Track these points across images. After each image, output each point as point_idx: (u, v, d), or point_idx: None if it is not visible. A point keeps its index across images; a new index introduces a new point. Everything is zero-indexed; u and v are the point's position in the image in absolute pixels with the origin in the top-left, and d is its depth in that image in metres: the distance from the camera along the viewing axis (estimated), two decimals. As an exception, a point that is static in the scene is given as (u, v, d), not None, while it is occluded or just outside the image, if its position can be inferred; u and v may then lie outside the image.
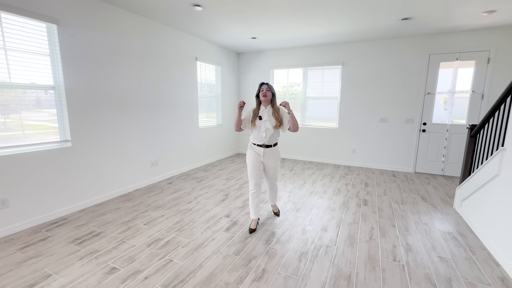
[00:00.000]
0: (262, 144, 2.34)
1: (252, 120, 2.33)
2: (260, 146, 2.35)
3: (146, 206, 3.04)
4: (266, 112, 2.29)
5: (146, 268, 1.91)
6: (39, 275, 1.82)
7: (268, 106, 2.31)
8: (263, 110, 2.31)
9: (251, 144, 2.42)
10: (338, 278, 1.82)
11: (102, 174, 3.14)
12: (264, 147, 2.35)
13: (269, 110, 2.30)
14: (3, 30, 2.27)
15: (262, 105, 2.33)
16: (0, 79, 2.30)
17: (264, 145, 2.34)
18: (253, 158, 2.38)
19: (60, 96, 2.71)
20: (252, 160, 2.38)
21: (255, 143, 2.38)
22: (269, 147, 2.36)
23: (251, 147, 2.42)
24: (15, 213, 2.40)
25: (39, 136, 2.60)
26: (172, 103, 4.12)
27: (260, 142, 2.35)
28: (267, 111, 2.30)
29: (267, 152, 2.36)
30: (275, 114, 2.27)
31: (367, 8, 3.10)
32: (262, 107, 2.33)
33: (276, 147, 2.41)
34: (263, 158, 2.37)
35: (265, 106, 2.31)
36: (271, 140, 2.35)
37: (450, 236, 2.41)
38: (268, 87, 2.29)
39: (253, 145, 2.41)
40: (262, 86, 2.30)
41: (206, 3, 3.01)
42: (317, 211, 2.95)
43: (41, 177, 2.56)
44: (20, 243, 2.22)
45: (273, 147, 2.38)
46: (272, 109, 2.29)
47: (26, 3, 2.34)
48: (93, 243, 2.23)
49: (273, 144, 2.38)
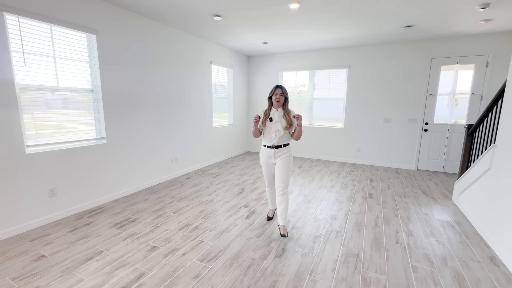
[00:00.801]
0: (271, 145, 2.35)
1: (263, 121, 2.33)
2: (270, 147, 2.36)
3: (171, 197, 3.35)
4: (277, 114, 2.30)
5: (182, 246, 2.22)
6: (93, 251, 2.14)
7: (279, 108, 2.32)
8: (274, 112, 2.32)
9: (262, 146, 2.45)
10: (348, 256, 2.11)
11: (131, 168, 3.47)
12: (273, 148, 2.35)
13: (280, 112, 2.30)
14: (53, 41, 2.60)
15: (274, 107, 2.34)
16: (50, 84, 2.63)
17: (273, 146, 2.34)
18: (265, 160, 2.43)
19: (98, 98, 3.04)
20: (264, 163, 2.44)
21: (265, 145, 2.40)
22: (279, 147, 2.35)
23: (262, 149, 2.45)
24: (61, 201, 2.73)
25: (79, 133, 2.93)
26: (190, 104, 4.44)
27: (270, 143, 2.35)
28: (278, 112, 2.30)
29: (277, 152, 2.36)
30: (286, 116, 2.28)
31: (373, 17, 3.39)
32: (273, 109, 2.34)
33: (286, 148, 2.38)
34: (274, 159, 2.38)
35: (276, 108, 2.32)
36: (281, 141, 2.34)
37: (447, 224, 2.68)
38: (282, 91, 2.28)
39: (264, 147, 2.43)
40: (276, 89, 2.29)
41: (225, 14, 3.32)
42: (326, 202, 3.25)
43: (82, 170, 2.89)
44: (69, 227, 2.55)
45: (283, 148, 2.36)
46: (283, 111, 2.30)
47: (71, 16, 2.67)
48: (131, 227, 2.55)
49: (283, 145, 2.36)
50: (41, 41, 2.50)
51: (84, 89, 2.93)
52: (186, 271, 1.90)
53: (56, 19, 2.54)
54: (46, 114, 2.64)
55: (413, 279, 1.84)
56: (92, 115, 3.04)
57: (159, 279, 1.81)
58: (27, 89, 2.44)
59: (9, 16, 2.24)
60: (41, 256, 2.06)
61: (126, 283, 1.76)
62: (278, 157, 2.37)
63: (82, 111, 2.96)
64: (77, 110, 2.91)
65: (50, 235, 2.38)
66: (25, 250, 2.14)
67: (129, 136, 3.41)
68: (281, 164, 2.36)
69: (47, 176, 2.59)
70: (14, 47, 2.30)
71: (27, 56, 2.40)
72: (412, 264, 2.02)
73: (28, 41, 2.40)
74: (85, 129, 2.99)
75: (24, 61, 2.37)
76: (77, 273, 1.86)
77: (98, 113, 3.07)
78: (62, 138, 2.76)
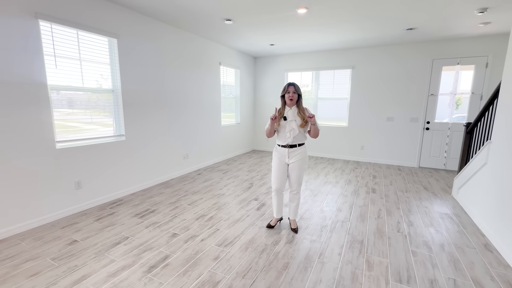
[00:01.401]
0: (286, 144, 2.28)
1: (277, 120, 2.27)
2: (284, 146, 2.30)
3: (184, 191, 3.56)
4: (291, 112, 2.25)
5: (200, 233, 2.42)
6: (119, 237, 2.35)
7: (293, 107, 2.27)
8: (288, 111, 2.27)
9: (276, 146, 2.39)
10: (353, 243, 2.30)
11: (147, 164, 3.68)
12: (288, 147, 2.29)
13: (294, 110, 2.26)
14: (79, 44, 2.81)
15: (287, 106, 2.29)
16: (76, 84, 2.84)
17: (288, 145, 2.28)
18: (278, 160, 2.35)
19: (118, 97, 3.25)
20: (276, 162, 2.36)
21: (280, 144, 2.34)
22: (293, 147, 2.29)
23: (276, 149, 2.38)
24: (86, 193, 2.94)
25: (101, 131, 3.14)
26: (200, 104, 4.65)
27: (284, 142, 2.29)
28: (292, 111, 2.26)
29: (291, 152, 2.29)
30: (301, 114, 2.23)
31: (376, 21, 3.56)
32: (287, 107, 2.29)
33: (301, 147, 2.31)
34: (287, 159, 2.31)
35: (290, 107, 2.27)
36: (295, 140, 2.27)
37: (446, 216, 2.86)
38: (295, 88, 2.22)
39: (278, 147, 2.36)
40: (289, 87, 2.23)
41: (236, 18, 3.52)
42: (331, 196, 3.43)
43: (103, 165, 3.11)
44: (94, 216, 2.76)
45: (298, 147, 2.29)
46: (297, 109, 2.25)
47: (95, 21, 2.88)
48: (151, 217, 2.75)
49: (298, 144, 2.29)
50: (69, 45, 2.72)
51: (106, 89, 3.15)
52: (206, 254, 2.10)
53: (82, 25, 2.76)
54: (72, 112, 2.85)
55: (412, 262, 2.02)
56: (112, 113, 3.26)
57: (183, 260, 2.01)
58: (57, 89, 2.66)
59: (43, 22, 2.46)
60: (74, 241, 2.28)
61: (154, 263, 1.97)
62: (292, 157, 2.30)
63: (104, 109, 3.17)
64: (99, 109, 3.12)
65: (78, 223, 2.60)
66: (59, 236, 2.35)
67: (145, 134, 3.62)
68: (296, 165, 2.30)
69: (74, 169, 2.81)
70: (47, 51, 2.52)
71: (57, 59, 2.61)
72: (412, 249, 2.20)
73: (58, 45, 2.62)
74: (106, 127, 3.20)
75: (55, 64, 2.59)
76: (109, 255, 2.07)
77: (118, 112, 3.29)
78: (86, 135, 2.98)
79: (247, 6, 3.08)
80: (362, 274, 1.88)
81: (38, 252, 2.09)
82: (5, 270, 1.87)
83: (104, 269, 1.89)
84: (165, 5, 3.07)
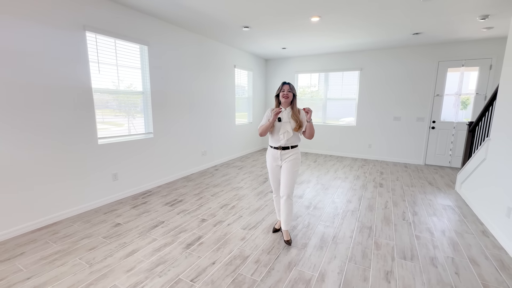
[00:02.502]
0: (278, 146, 2.21)
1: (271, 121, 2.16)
2: (277, 148, 2.22)
3: (205, 184, 3.89)
4: (285, 114, 2.18)
5: (226, 219, 2.74)
6: (156, 221, 2.68)
7: (288, 108, 2.20)
8: (282, 112, 2.19)
9: (269, 147, 2.32)
10: (363, 228, 2.58)
11: (171, 159, 4.02)
12: (280, 149, 2.21)
13: (289, 111, 2.19)
14: (117, 52, 3.16)
15: (282, 106, 2.21)
16: (113, 87, 3.19)
17: (280, 147, 2.20)
18: (271, 163, 2.29)
19: (147, 98, 3.59)
20: (270, 165, 2.31)
21: (272, 146, 2.26)
22: (286, 149, 2.21)
23: (269, 150, 2.32)
24: (121, 184, 3.29)
25: (133, 128, 3.49)
26: (216, 104, 4.97)
27: (277, 144, 2.21)
28: (286, 112, 2.18)
29: (284, 154, 2.21)
30: (295, 116, 2.16)
31: (384, 27, 3.82)
32: (281, 108, 2.20)
33: (294, 149, 2.23)
34: (280, 161, 2.24)
35: (285, 108, 2.20)
36: (288, 142, 2.19)
37: (448, 208, 3.10)
38: (290, 87, 2.17)
39: (270, 148, 2.29)
40: (284, 86, 2.18)
41: (253, 25, 3.82)
42: (341, 190, 3.71)
43: (135, 159, 3.45)
44: (130, 205, 3.11)
45: (290, 149, 2.21)
46: (291, 111, 2.18)
47: (130, 31, 3.22)
48: (180, 206, 3.09)
49: (291, 146, 2.21)
50: (108, 52, 3.06)
51: (137, 91, 3.49)
52: (234, 235, 2.41)
53: (119, 34, 3.10)
54: (109, 111, 3.20)
55: (416, 244, 2.30)
56: (142, 113, 3.60)
57: (214, 239, 2.33)
58: (99, 92, 3.01)
59: (89, 33, 2.81)
60: (118, 224, 2.62)
61: (190, 241, 2.29)
62: (284, 159, 2.22)
63: (136, 109, 3.52)
64: (131, 109, 3.47)
65: (117, 210, 2.94)
66: (103, 220, 2.70)
67: (170, 131, 3.96)
68: (287, 167, 2.21)
69: (112, 163, 3.16)
70: (92, 58, 2.87)
71: (100, 65, 2.96)
72: (416, 234, 2.47)
73: (100, 52, 2.97)
74: (137, 125, 3.55)
75: (98, 69, 2.94)
76: (150, 235, 2.40)
77: (147, 112, 3.63)
78: (121, 132, 3.33)
79: (265, 16, 3.38)
80: (371, 252, 2.16)
81: (90, 232, 2.44)
82: (66, 245, 2.22)
83: (149, 245, 2.22)
84: (191, 15, 3.40)
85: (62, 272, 1.87)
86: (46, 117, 2.51)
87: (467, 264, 2.01)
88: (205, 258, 2.05)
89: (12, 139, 2.30)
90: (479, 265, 2.01)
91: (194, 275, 1.86)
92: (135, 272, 1.87)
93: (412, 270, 1.94)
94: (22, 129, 2.36)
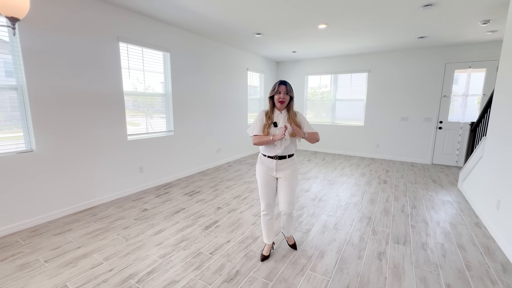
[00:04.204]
0: (274, 155, 1.93)
1: (265, 126, 1.91)
2: (272, 158, 1.94)
3: (220, 178, 4.24)
4: (281, 118, 1.92)
5: (239, 208, 3.07)
6: (177, 208, 3.05)
7: (283, 111, 1.94)
8: (278, 115, 1.93)
9: (261, 156, 2.01)
10: (363, 218, 2.84)
11: (189, 155, 4.41)
12: (276, 159, 1.93)
13: (285, 115, 1.93)
14: (144, 58, 3.57)
15: (276, 109, 1.95)
16: (140, 90, 3.61)
17: (276, 156, 1.93)
18: (264, 174, 1.98)
19: (168, 100, 3.99)
20: (262, 177, 1.98)
21: (266, 154, 1.96)
22: (282, 158, 1.94)
23: (261, 160, 2.00)
24: (146, 177, 3.70)
25: (157, 127, 3.90)
26: (230, 105, 5.33)
27: (272, 153, 1.93)
28: (282, 116, 1.93)
29: (280, 164, 1.94)
30: (291, 120, 1.90)
31: (389, 31, 4.03)
32: (276, 111, 1.95)
33: (291, 158, 1.98)
34: (275, 173, 1.96)
35: (280, 111, 1.94)
36: (286, 151, 1.93)
37: (448, 203, 3.29)
38: (286, 88, 1.88)
39: (263, 157, 1.98)
40: (280, 87, 1.87)
41: (265, 32, 4.14)
42: (346, 185, 3.96)
43: (158, 154, 3.85)
44: (154, 194, 3.50)
45: (287, 159, 1.95)
46: (287, 114, 1.93)
47: (155, 40, 3.62)
48: (198, 196, 3.45)
49: (288, 155, 1.95)
50: (137, 59, 3.48)
51: (160, 93, 3.90)
52: (246, 220, 2.74)
53: (146, 43, 3.51)
54: (136, 111, 3.62)
55: (410, 231, 2.53)
56: (165, 113, 4.00)
57: (229, 223, 2.66)
58: (128, 94, 3.43)
59: (122, 44, 3.23)
60: (145, 209, 3.01)
61: (208, 224, 2.64)
62: (281, 170, 1.95)
63: (159, 110, 3.92)
64: (155, 109, 3.87)
65: (143, 198, 3.34)
66: (133, 206, 3.10)
67: (188, 130, 4.35)
68: (286, 179, 1.96)
69: (138, 157, 3.57)
70: (123, 65, 3.29)
71: (130, 71, 3.38)
72: (412, 224, 2.70)
73: (130, 60, 3.38)
74: (160, 124, 3.96)
75: (129, 74, 3.36)
76: (173, 219, 2.77)
77: (168, 112, 4.03)
78: (146, 130, 3.74)
79: (276, 24, 3.69)
80: (368, 237, 2.43)
81: (123, 215, 2.84)
82: (105, 224, 2.62)
83: (173, 226, 2.59)
84: (210, 24, 3.76)
85: (104, 244, 2.27)
86: (87, 114, 2.94)
87: (455, 250, 2.24)
88: (221, 237, 2.39)
89: (60, 134, 2.74)
90: (466, 250, 2.23)
91: (212, 249, 2.20)
92: (163, 246, 2.24)
93: (403, 252, 2.19)
94: (67, 125, 2.79)
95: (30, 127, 2.52)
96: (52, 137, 2.67)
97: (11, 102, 2.45)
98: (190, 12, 3.26)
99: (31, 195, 2.56)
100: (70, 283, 1.77)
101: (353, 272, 1.92)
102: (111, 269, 1.93)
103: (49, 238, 2.36)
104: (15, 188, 2.45)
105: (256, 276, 1.87)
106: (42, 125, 2.59)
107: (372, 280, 1.84)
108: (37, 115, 2.54)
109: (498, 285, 1.81)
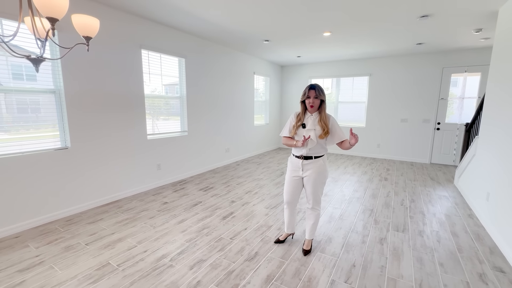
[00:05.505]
0: (300, 155, 2.03)
1: (294, 127, 2.02)
2: (298, 157, 2.04)
3: (230, 176, 4.51)
4: (311, 120, 1.99)
5: (251, 201, 3.34)
6: (195, 201, 3.32)
7: (314, 113, 2.01)
8: (308, 117, 2.02)
9: (291, 155, 2.15)
10: (365, 210, 3.10)
11: (201, 154, 4.69)
12: (302, 159, 2.02)
13: (315, 117, 1.99)
14: (161, 64, 3.86)
15: (308, 112, 2.03)
16: (160, 93, 3.89)
17: (302, 156, 2.02)
18: (290, 172, 2.13)
19: (183, 102, 4.28)
20: (288, 175, 2.13)
21: (294, 154, 2.09)
22: (308, 158, 2.02)
23: (290, 159, 2.14)
24: (163, 173, 3.98)
25: (172, 127, 4.18)
26: (238, 106, 5.62)
27: (299, 153, 2.04)
28: (312, 118, 2.00)
29: (306, 165, 2.03)
30: (321, 123, 1.96)
31: (389, 38, 4.32)
32: (307, 113, 2.03)
33: (318, 160, 2.03)
34: (301, 172, 2.06)
35: (311, 113, 2.02)
36: (312, 152, 2.01)
37: (444, 197, 3.55)
38: (316, 93, 1.94)
39: (292, 157, 2.12)
40: (310, 92, 1.95)
41: (272, 39, 4.43)
42: (349, 182, 4.22)
43: (173, 152, 4.13)
44: (171, 190, 3.77)
45: (313, 160, 2.02)
46: (319, 116, 1.99)
47: (171, 47, 3.92)
48: (212, 191, 3.72)
49: (314, 156, 2.02)
50: (156, 65, 3.77)
51: (175, 96, 4.19)
52: (259, 212, 3.00)
53: (164, 50, 3.80)
54: (154, 112, 3.90)
55: (408, 221, 2.80)
56: (179, 114, 4.29)
57: (243, 214, 2.93)
58: (148, 97, 3.71)
59: (143, 51, 3.52)
60: (165, 202, 3.28)
61: (225, 215, 2.91)
62: (307, 170, 2.04)
63: (174, 111, 4.20)
64: (171, 111, 4.16)
65: (162, 193, 3.61)
66: (153, 199, 3.37)
67: (200, 130, 4.63)
68: (311, 179, 2.03)
69: (156, 155, 3.85)
70: (144, 70, 3.57)
71: (150, 76, 3.67)
72: (410, 215, 2.96)
73: (151, 65, 3.67)
74: (175, 125, 4.24)
75: (149, 79, 3.64)
76: (193, 210, 3.04)
77: (183, 113, 4.31)
78: (163, 130, 4.02)
79: (283, 32, 3.98)
80: (370, 226, 2.69)
81: (146, 207, 3.11)
82: (131, 215, 2.90)
83: (194, 217, 2.86)
84: (222, 32, 4.05)
85: (135, 230, 2.54)
86: (113, 115, 3.22)
87: (449, 236, 2.50)
88: (238, 226, 2.66)
89: (90, 133, 3.02)
90: (459, 236, 2.49)
91: (232, 235, 2.47)
92: (187, 232, 2.51)
93: (402, 238, 2.45)
94: (96, 125, 3.07)
95: (66, 126, 2.81)
96: (84, 135, 2.95)
97: (50, 104, 2.73)
98: (207, 22, 3.55)
99: (66, 188, 2.83)
100: (112, 261, 2.04)
101: (358, 253, 2.19)
102: (145, 251, 2.19)
103: (84, 226, 2.63)
104: (52, 181, 2.73)
105: (273, 256, 2.14)
106: (76, 125, 2.87)
107: (375, 260, 2.10)
108: (72, 116, 2.83)
109: (485, 263, 2.07)
